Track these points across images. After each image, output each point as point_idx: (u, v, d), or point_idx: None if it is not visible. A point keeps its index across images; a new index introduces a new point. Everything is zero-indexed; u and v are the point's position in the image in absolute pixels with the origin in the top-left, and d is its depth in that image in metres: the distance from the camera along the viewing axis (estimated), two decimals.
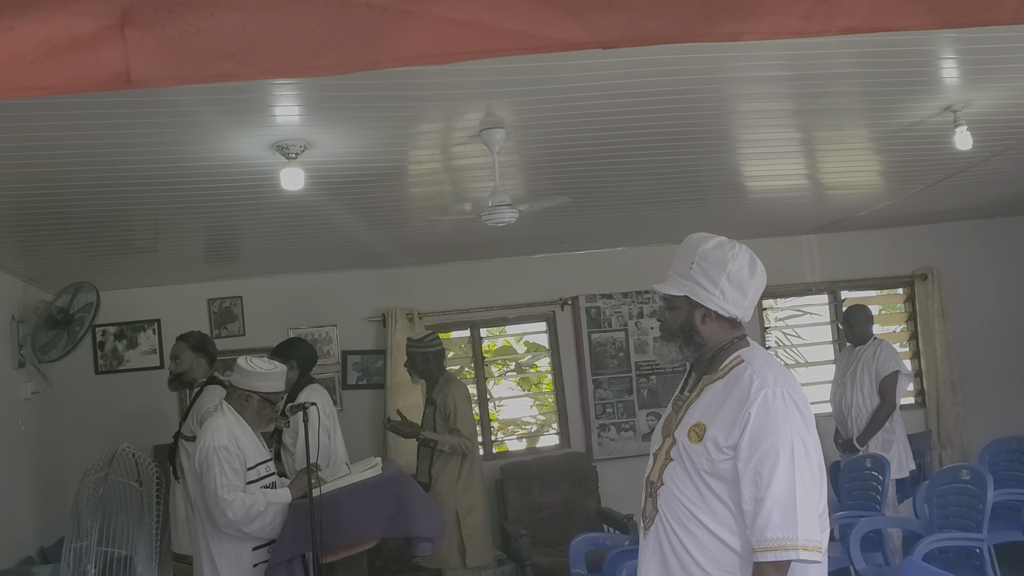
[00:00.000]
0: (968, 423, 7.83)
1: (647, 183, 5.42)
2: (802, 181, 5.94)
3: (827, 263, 7.97)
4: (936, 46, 3.59)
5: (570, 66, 3.31)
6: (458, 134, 4.11)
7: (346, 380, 7.34)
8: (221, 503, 3.93)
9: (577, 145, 4.42)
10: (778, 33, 1.48)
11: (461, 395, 5.68)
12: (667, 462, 2.42)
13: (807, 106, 4.27)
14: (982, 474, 4.88)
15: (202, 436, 4.11)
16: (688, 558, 2.34)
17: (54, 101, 3.09)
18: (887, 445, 6.02)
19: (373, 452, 6.15)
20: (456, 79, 3.37)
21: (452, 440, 5.51)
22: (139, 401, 6.93)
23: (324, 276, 7.31)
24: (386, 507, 4.23)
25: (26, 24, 1.39)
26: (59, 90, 1.44)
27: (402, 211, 5.62)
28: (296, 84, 3.28)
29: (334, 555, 4.10)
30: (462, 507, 5.55)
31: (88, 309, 6.11)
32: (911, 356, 8.07)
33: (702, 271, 2.42)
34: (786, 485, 2.22)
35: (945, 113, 4.39)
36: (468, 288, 7.50)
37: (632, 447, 7.50)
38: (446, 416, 5.57)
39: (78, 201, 4.57)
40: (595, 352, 7.62)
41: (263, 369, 4.15)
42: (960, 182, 6.04)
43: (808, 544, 2.21)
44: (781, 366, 2.45)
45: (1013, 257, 8.02)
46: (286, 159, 3.97)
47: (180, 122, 3.53)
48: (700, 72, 3.58)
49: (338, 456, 5.11)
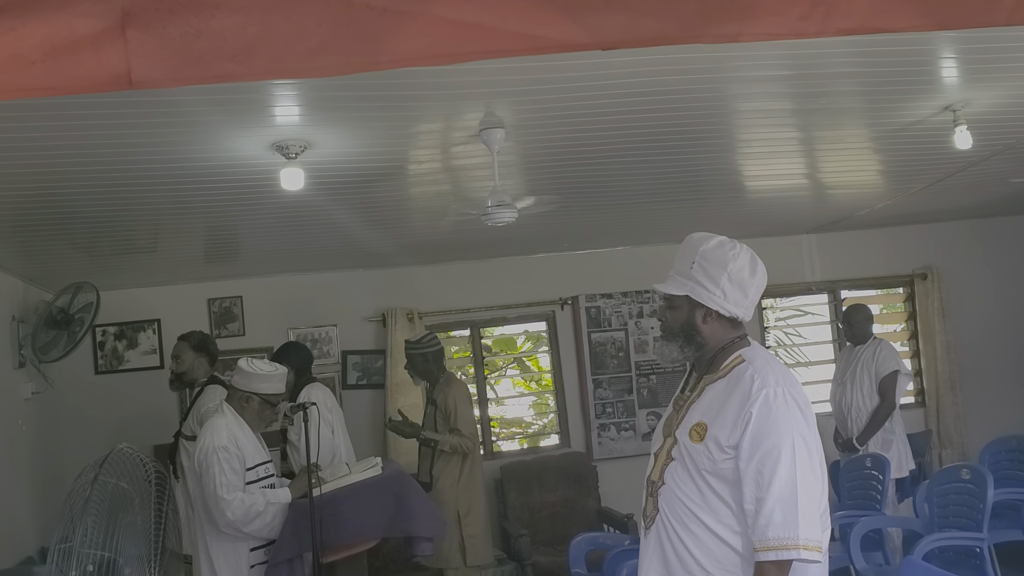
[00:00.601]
0: (968, 422, 7.83)
1: (647, 183, 5.42)
2: (802, 181, 5.94)
3: (827, 263, 7.97)
4: (936, 46, 3.59)
5: (570, 66, 3.31)
6: (458, 134, 4.11)
7: (346, 380, 7.34)
8: (220, 503, 3.94)
9: (577, 145, 4.42)
10: (776, 34, 1.48)
11: (462, 395, 5.67)
12: (668, 461, 2.42)
13: (807, 106, 4.27)
14: (982, 473, 4.88)
15: (202, 436, 4.12)
16: (689, 558, 2.34)
17: (54, 102, 3.09)
18: (887, 445, 6.03)
19: (373, 452, 6.16)
20: (456, 79, 3.38)
21: (453, 440, 5.51)
22: (139, 401, 6.93)
23: (324, 276, 7.32)
24: (386, 507, 4.24)
25: (27, 25, 1.39)
26: (60, 91, 1.44)
27: (402, 211, 5.62)
28: (296, 84, 3.28)
29: (334, 555, 4.10)
30: (463, 506, 5.55)
31: (88, 309, 6.12)
32: (911, 355, 8.07)
33: (703, 271, 2.43)
34: (787, 484, 2.22)
35: (945, 112, 4.39)
36: (468, 288, 7.51)
37: (632, 447, 7.51)
38: (447, 416, 5.57)
39: (78, 201, 4.57)
40: (595, 352, 7.63)
41: (264, 371, 4.16)
42: (960, 181, 6.04)
43: (809, 544, 2.21)
44: (782, 365, 2.45)
45: (1013, 256, 8.02)
46: (286, 159, 3.97)
47: (180, 122, 3.54)
48: (699, 72, 3.58)
49: (342, 452, 5.12)
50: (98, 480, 3.46)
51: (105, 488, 3.50)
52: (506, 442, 8.38)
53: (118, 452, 3.71)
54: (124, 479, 3.60)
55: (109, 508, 3.49)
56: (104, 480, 3.50)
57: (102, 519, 3.45)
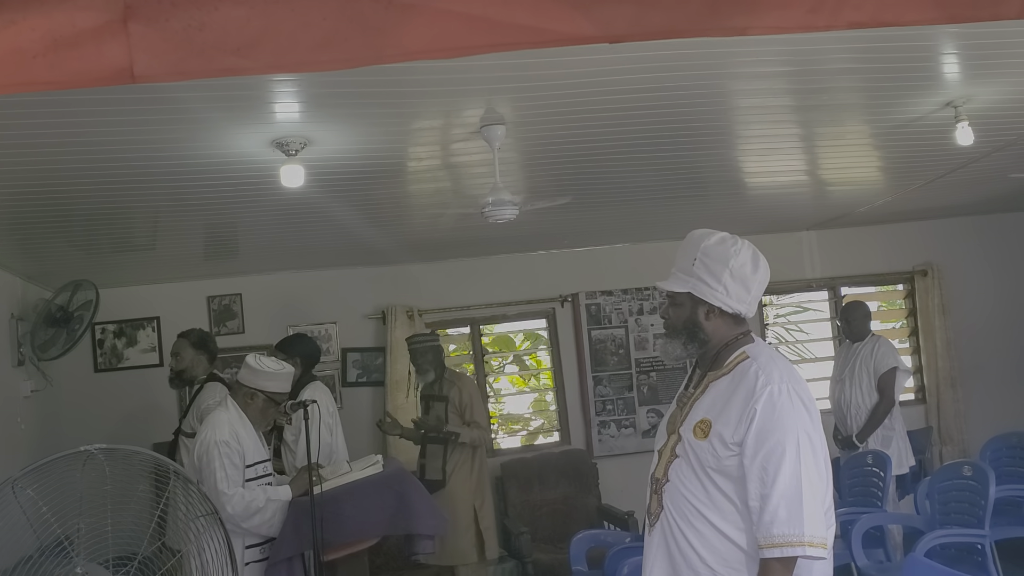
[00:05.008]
0: (968, 419, 7.83)
1: (647, 179, 5.41)
2: (802, 177, 5.93)
3: (827, 259, 7.97)
4: (937, 41, 3.58)
5: (571, 62, 3.30)
6: (458, 130, 4.10)
7: (346, 377, 7.33)
8: (221, 497, 3.92)
9: (577, 141, 4.41)
10: (785, 27, 1.47)
11: (474, 388, 5.80)
12: (672, 459, 2.42)
13: (808, 102, 4.26)
14: (984, 470, 4.88)
15: (203, 430, 4.10)
16: (693, 555, 2.33)
17: (54, 98, 3.08)
18: (887, 441, 6.02)
19: (373, 449, 6.15)
20: (457, 75, 3.36)
21: (474, 433, 5.57)
22: (138, 399, 6.93)
23: (324, 273, 7.31)
24: (387, 504, 4.22)
25: (28, 18, 1.37)
26: (62, 85, 1.42)
27: (402, 208, 5.61)
28: (296, 80, 3.27)
29: (335, 553, 4.09)
30: (478, 500, 5.60)
31: (87, 307, 6.10)
32: (911, 352, 8.07)
33: (705, 267, 2.42)
34: (792, 481, 2.21)
35: (946, 109, 4.38)
36: (468, 285, 7.50)
37: (632, 444, 7.50)
38: (461, 410, 5.62)
39: (77, 198, 4.56)
40: (595, 349, 7.62)
41: (271, 369, 4.14)
42: (961, 178, 6.04)
43: (814, 540, 2.21)
44: (786, 362, 2.45)
45: (1014, 253, 8.02)
46: (286, 156, 3.96)
47: (180, 119, 3.52)
48: (700, 68, 3.57)
49: (339, 453, 5.11)
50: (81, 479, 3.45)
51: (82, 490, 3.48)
52: (506, 440, 8.37)
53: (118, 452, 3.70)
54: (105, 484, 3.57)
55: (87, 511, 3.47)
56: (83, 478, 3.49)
57: (80, 521, 3.44)
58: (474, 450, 5.63)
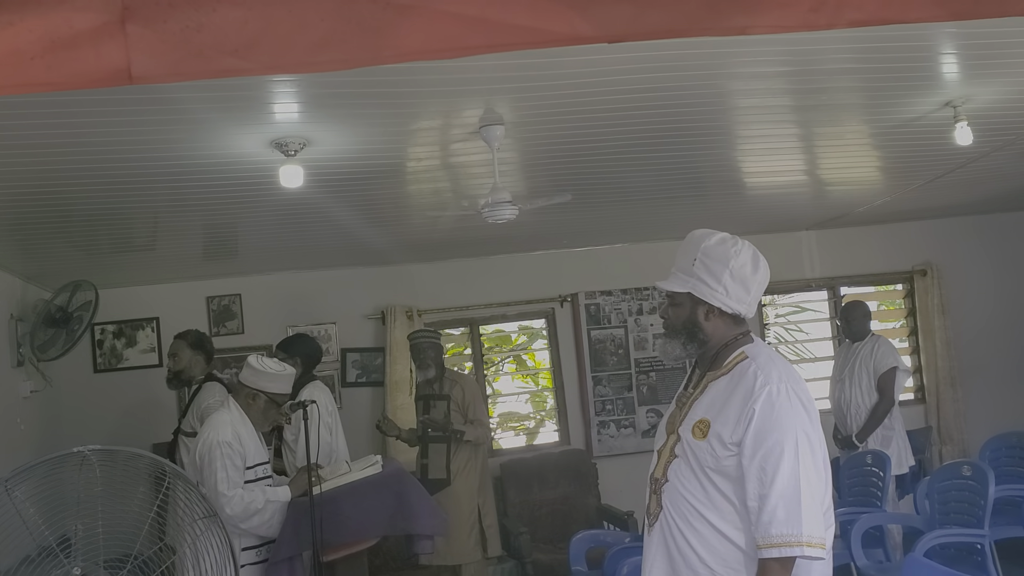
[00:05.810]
0: (968, 418, 7.83)
1: (646, 179, 5.41)
2: (801, 177, 5.93)
3: (826, 259, 7.97)
4: (936, 41, 3.58)
5: (569, 62, 3.30)
6: (457, 131, 4.09)
7: (345, 378, 7.33)
8: (220, 498, 3.92)
9: (576, 141, 4.41)
10: (786, 26, 1.46)
11: (476, 387, 5.86)
12: (671, 459, 2.42)
13: (806, 102, 4.25)
14: (983, 470, 4.88)
15: (205, 430, 4.09)
16: (693, 555, 2.33)
17: (52, 98, 3.08)
18: (886, 441, 6.02)
19: (373, 450, 6.15)
20: (456, 75, 3.36)
21: (478, 431, 5.61)
22: (138, 399, 6.92)
23: (323, 273, 7.30)
24: (387, 505, 4.22)
25: (25, 19, 1.37)
26: (59, 86, 1.42)
27: (401, 208, 5.61)
28: (295, 81, 3.27)
29: (335, 553, 4.08)
30: (481, 498, 5.63)
31: (87, 307, 6.10)
32: (911, 352, 8.07)
33: (705, 267, 2.42)
34: (791, 481, 2.21)
35: (945, 109, 4.38)
36: (467, 285, 7.50)
37: (632, 444, 7.50)
38: (464, 409, 5.64)
39: (76, 199, 4.55)
40: (595, 349, 7.62)
41: (273, 370, 4.13)
42: (960, 178, 6.03)
43: (812, 540, 2.20)
44: (785, 362, 2.44)
45: (1013, 252, 8.02)
46: (285, 156, 3.96)
47: (179, 119, 3.52)
48: (699, 68, 3.56)
49: (339, 453, 5.11)
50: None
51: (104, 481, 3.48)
52: (504, 438, 8.36)
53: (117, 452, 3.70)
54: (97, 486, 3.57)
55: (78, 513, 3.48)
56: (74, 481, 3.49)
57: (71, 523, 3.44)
58: (476, 449, 5.66)
